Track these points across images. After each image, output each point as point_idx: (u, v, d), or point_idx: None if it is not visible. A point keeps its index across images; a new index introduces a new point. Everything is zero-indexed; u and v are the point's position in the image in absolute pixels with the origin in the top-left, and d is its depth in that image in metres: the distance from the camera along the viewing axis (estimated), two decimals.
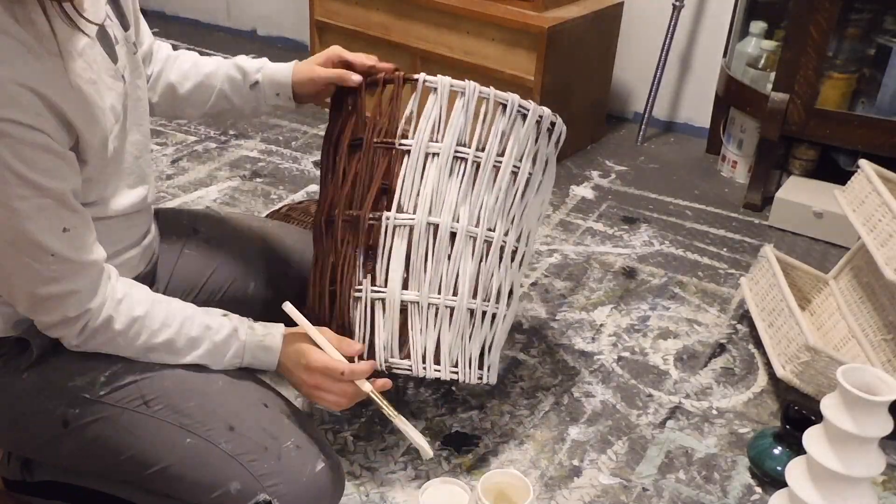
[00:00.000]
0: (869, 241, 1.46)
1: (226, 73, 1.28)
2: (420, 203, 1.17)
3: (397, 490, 1.27)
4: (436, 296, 1.18)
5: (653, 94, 2.54)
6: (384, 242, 1.18)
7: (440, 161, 1.17)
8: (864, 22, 2.11)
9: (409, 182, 1.17)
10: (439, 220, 1.17)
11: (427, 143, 1.17)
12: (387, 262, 1.18)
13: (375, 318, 1.18)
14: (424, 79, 1.17)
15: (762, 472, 1.32)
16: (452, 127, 1.17)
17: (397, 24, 2.44)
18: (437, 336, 1.19)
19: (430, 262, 1.18)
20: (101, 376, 1.06)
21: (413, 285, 1.18)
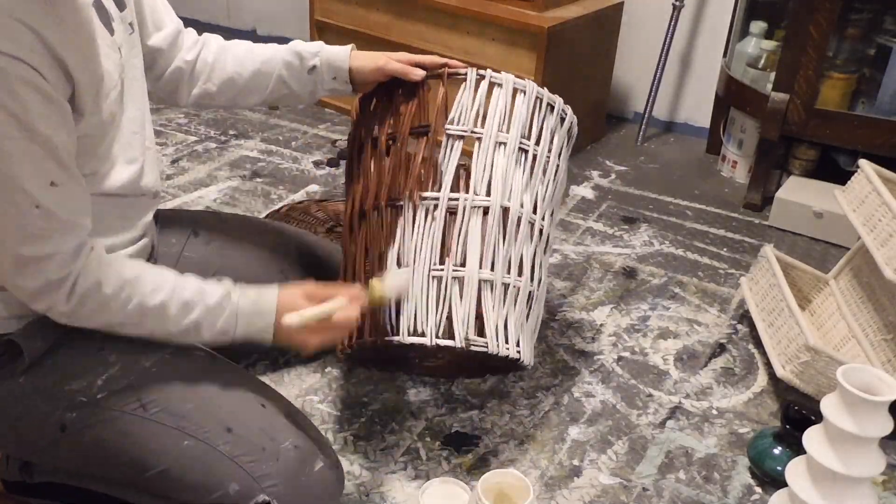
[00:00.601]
0: (869, 241, 1.46)
1: (283, 59, 1.29)
2: (494, 187, 1.24)
3: (397, 490, 1.27)
4: (507, 276, 1.24)
5: (653, 94, 2.54)
6: (462, 223, 1.22)
7: (508, 150, 1.26)
8: (864, 22, 2.11)
9: (481, 167, 1.24)
10: (509, 203, 1.24)
11: (496, 132, 1.26)
12: (464, 242, 1.22)
13: (452, 296, 1.20)
14: (491, 75, 1.28)
15: (762, 472, 1.32)
16: (517, 120, 1.27)
17: (397, 23, 2.44)
18: (505, 315, 1.23)
19: (502, 244, 1.23)
20: (98, 380, 1.05)
21: (486, 265, 1.22)
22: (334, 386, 1.48)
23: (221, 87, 1.29)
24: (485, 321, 1.21)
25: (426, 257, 1.21)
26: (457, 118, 1.26)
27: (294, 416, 1.13)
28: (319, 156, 2.40)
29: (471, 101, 1.27)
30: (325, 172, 2.30)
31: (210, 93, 1.29)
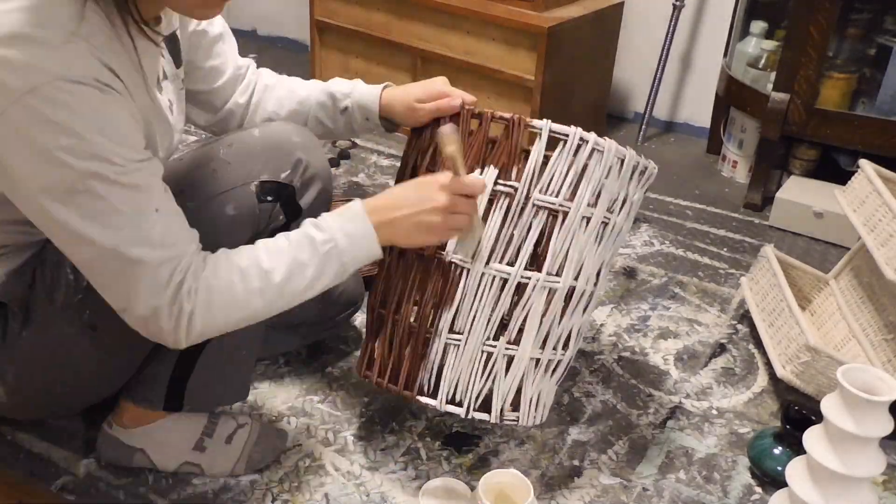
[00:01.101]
0: (869, 242, 1.46)
1: (317, 100, 1.31)
2: (567, 266, 1.17)
3: (397, 490, 1.27)
4: (554, 352, 1.22)
5: (653, 94, 2.54)
6: (527, 302, 1.16)
7: (590, 226, 1.17)
8: (865, 22, 2.11)
9: (560, 245, 1.15)
10: (577, 283, 1.19)
11: (586, 207, 1.15)
12: (523, 320, 1.17)
13: (498, 371, 1.19)
14: (595, 142, 1.13)
15: (762, 472, 1.32)
16: (606, 192, 1.17)
17: (397, 23, 2.44)
18: (540, 388, 1.23)
19: (559, 322, 1.20)
20: (70, 275, 1.08)
21: (538, 343, 1.19)
22: (334, 386, 1.48)
23: (260, 124, 1.30)
24: (521, 395, 1.21)
25: (481, 329, 1.16)
26: (547, 186, 1.13)
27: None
28: None
29: (565, 169, 1.13)
30: None
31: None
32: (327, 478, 1.28)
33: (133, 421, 1.23)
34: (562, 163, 1.13)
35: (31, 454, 1.29)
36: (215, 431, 1.26)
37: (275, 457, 1.29)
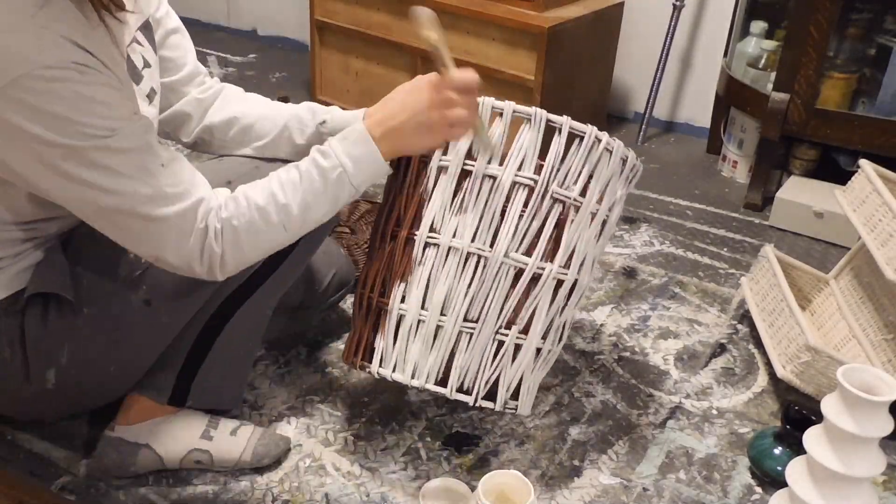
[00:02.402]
0: (869, 241, 1.46)
1: (293, 112, 1.28)
2: (575, 259, 1.20)
3: (398, 490, 1.27)
4: (550, 343, 1.24)
5: (653, 94, 2.54)
6: (539, 292, 1.19)
7: (595, 221, 1.22)
8: (865, 22, 2.11)
9: (571, 238, 1.19)
10: (579, 276, 1.22)
11: (595, 204, 1.20)
12: (532, 311, 1.20)
13: (506, 359, 1.21)
14: (605, 140, 1.18)
15: (762, 472, 1.32)
16: (611, 189, 1.22)
17: (398, 23, 2.44)
18: (536, 377, 1.26)
19: (560, 314, 1.23)
20: (130, 254, 1.11)
21: (542, 332, 1.22)
22: (334, 386, 1.48)
23: (223, 124, 1.28)
24: (521, 385, 1.23)
25: (494, 318, 1.18)
26: (563, 180, 1.17)
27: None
28: None
29: (581, 165, 1.18)
30: None
31: (211, 129, 1.28)
32: (327, 478, 1.28)
33: (139, 416, 1.23)
34: (577, 159, 1.17)
35: (31, 454, 1.29)
36: (219, 425, 1.27)
37: (279, 451, 1.30)
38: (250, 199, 1.04)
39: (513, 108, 1.18)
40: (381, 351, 1.21)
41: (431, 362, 1.19)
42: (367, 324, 1.24)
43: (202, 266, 1.03)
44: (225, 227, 1.02)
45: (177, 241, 1.00)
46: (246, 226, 1.03)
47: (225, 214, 1.02)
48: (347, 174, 1.08)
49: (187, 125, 1.29)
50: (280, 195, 1.05)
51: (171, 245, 1.00)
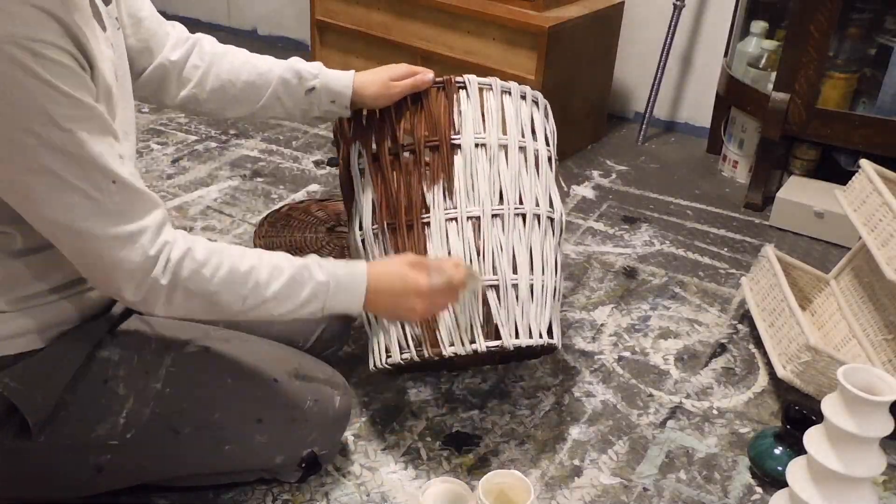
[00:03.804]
0: (870, 241, 1.45)
1: (280, 75, 1.25)
2: (525, 194, 1.31)
3: (398, 490, 1.27)
4: (542, 275, 1.31)
5: (653, 94, 2.54)
6: (505, 231, 1.28)
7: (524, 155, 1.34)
8: (865, 21, 2.11)
9: (509, 175, 1.30)
10: (533, 207, 1.32)
11: (519, 139, 1.33)
12: (497, 249, 1.28)
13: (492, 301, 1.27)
14: (501, 84, 1.34)
15: (763, 472, 1.32)
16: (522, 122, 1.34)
17: (398, 23, 2.44)
18: (536, 310, 1.30)
19: (538, 245, 1.32)
20: (120, 419, 1.06)
21: (524, 269, 1.29)
22: None
23: (211, 94, 1.25)
24: (527, 319, 1.28)
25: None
26: (481, 129, 1.30)
27: (301, 369, 1.19)
28: (320, 155, 2.40)
29: (493, 110, 1.32)
30: (325, 172, 2.30)
31: (199, 98, 1.25)
32: (327, 478, 1.28)
33: None
34: (490, 105, 1.32)
35: None
36: None
37: None
38: (234, 258, 1.00)
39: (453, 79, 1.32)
40: (419, 336, 1.25)
41: (477, 325, 1.24)
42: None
43: (137, 294, 0.95)
44: (185, 270, 0.96)
45: (117, 263, 0.93)
46: (211, 279, 0.98)
47: (191, 258, 0.96)
48: (328, 294, 1.05)
49: (166, 90, 1.24)
50: (263, 273, 1.01)
51: (108, 267, 0.93)
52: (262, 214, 2.00)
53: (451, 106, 1.30)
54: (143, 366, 1.08)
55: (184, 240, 0.98)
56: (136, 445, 1.06)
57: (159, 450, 1.09)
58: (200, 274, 0.97)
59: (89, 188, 0.89)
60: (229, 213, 2.05)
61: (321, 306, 1.06)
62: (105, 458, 1.06)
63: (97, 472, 1.07)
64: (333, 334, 1.39)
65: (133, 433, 1.06)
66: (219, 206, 2.09)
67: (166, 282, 0.95)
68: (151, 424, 1.07)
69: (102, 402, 1.05)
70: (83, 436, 1.05)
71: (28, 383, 1.00)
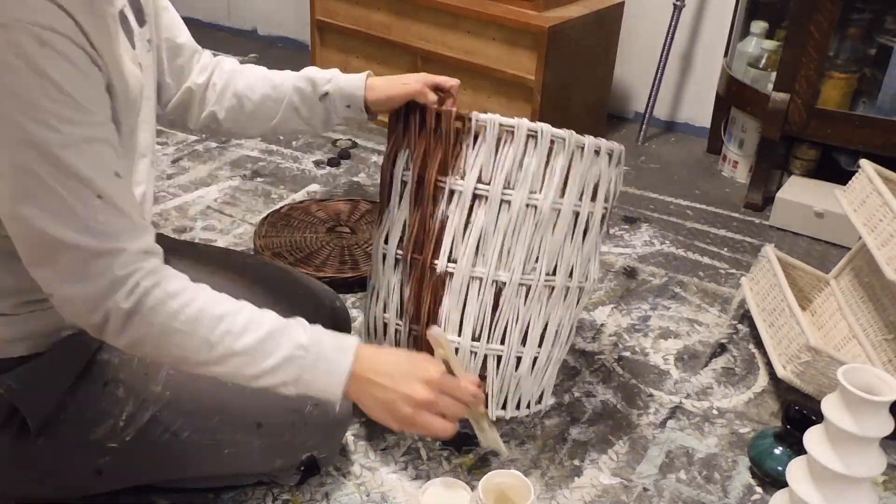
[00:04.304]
0: (870, 241, 1.45)
1: (294, 85, 1.24)
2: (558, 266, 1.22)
3: (398, 490, 1.27)
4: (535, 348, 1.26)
5: (653, 94, 2.54)
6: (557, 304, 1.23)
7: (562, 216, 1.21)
8: (865, 21, 2.11)
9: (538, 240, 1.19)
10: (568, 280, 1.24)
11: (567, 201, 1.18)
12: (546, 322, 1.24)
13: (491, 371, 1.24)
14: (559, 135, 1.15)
15: (763, 472, 1.32)
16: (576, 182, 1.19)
17: (398, 23, 2.44)
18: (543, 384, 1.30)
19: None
20: (119, 421, 1.05)
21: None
22: None
23: (229, 113, 1.24)
24: (520, 392, 1.28)
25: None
26: (537, 187, 1.16)
27: None
28: (320, 155, 2.40)
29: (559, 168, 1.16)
30: (325, 172, 2.30)
31: (217, 118, 1.25)
32: (327, 478, 1.28)
33: None
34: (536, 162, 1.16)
35: None
36: None
37: None
38: (209, 301, 0.91)
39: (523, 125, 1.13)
40: None
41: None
42: None
43: (95, 316, 0.87)
44: (152, 295, 0.88)
45: (81, 277, 0.86)
46: (179, 316, 0.89)
47: (162, 290, 0.88)
48: (306, 363, 0.94)
49: (190, 113, 1.25)
50: (239, 323, 0.92)
51: (71, 277, 0.86)
52: (262, 214, 2.00)
53: (504, 154, 1.14)
54: (143, 369, 1.08)
55: (159, 272, 0.90)
56: (135, 448, 1.06)
57: (158, 453, 1.08)
58: (166, 306, 0.88)
59: (69, 196, 0.83)
60: (229, 213, 2.05)
61: (297, 375, 0.94)
62: (104, 461, 1.06)
63: (96, 474, 1.07)
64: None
65: (132, 436, 1.06)
66: (219, 206, 2.09)
67: (128, 306, 0.87)
68: (150, 427, 1.06)
69: (102, 405, 1.05)
70: (82, 438, 1.05)
71: (30, 386, 1.00)
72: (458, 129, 1.14)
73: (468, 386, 1.05)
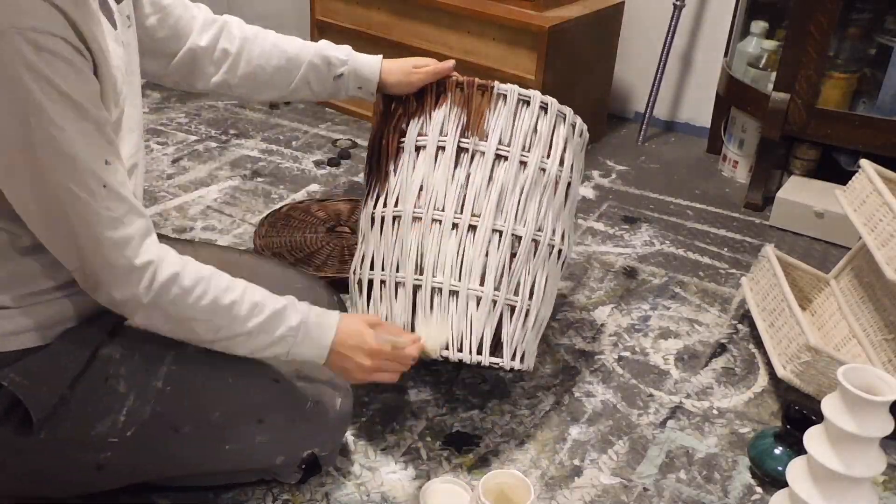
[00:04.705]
0: (870, 241, 1.45)
1: (310, 61, 1.30)
2: (529, 217, 1.30)
3: (398, 490, 1.27)
4: (528, 300, 1.31)
5: (654, 94, 2.54)
6: (501, 247, 1.28)
7: (529, 171, 1.31)
8: (865, 21, 2.11)
9: (513, 192, 1.29)
10: (534, 232, 1.31)
11: (520, 153, 1.30)
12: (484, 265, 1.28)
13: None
14: (520, 92, 1.31)
15: (763, 472, 1.32)
16: (540, 139, 1.33)
17: (398, 23, 2.44)
18: (514, 332, 1.32)
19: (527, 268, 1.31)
20: (120, 416, 1.05)
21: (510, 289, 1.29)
22: None
23: (242, 80, 1.29)
24: (526, 343, 1.32)
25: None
26: (505, 139, 1.29)
27: (303, 371, 1.19)
28: (320, 155, 2.40)
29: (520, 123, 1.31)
30: (325, 172, 2.30)
31: (230, 83, 1.29)
32: (327, 478, 1.28)
33: None
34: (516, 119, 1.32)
35: None
36: None
37: None
38: (220, 288, 1.02)
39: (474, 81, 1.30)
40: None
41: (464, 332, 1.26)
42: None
43: (117, 297, 0.97)
44: (171, 291, 0.98)
45: (104, 268, 0.95)
46: (193, 304, 1.00)
47: (187, 282, 0.99)
48: (295, 340, 1.08)
49: (198, 74, 1.27)
50: (244, 307, 1.04)
51: (101, 270, 0.95)
52: (262, 214, 2.00)
53: (484, 111, 1.29)
54: (144, 364, 1.08)
55: (174, 260, 0.99)
56: (136, 443, 1.06)
57: (159, 448, 1.09)
58: (184, 300, 1.00)
59: (79, 189, 0.90)
60: (229, 213, 2.05)
61: (287, 350, 1.09)
62: (105, 456, 1.06)
63: (97, 470, 1.07)
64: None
65: (133, 431, 1.06)
66: (219, 206, 2.09)
67: (147, 301, 0.97)
68: (152, 423, 1.06)
69: (103, 400, 1.05)
70: (83, 433, 1.05)
71: (33, 378, 1.01)
72: (479, 96, 1.29)
73: (407, 350, 1.17)
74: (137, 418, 1.06)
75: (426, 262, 1.25)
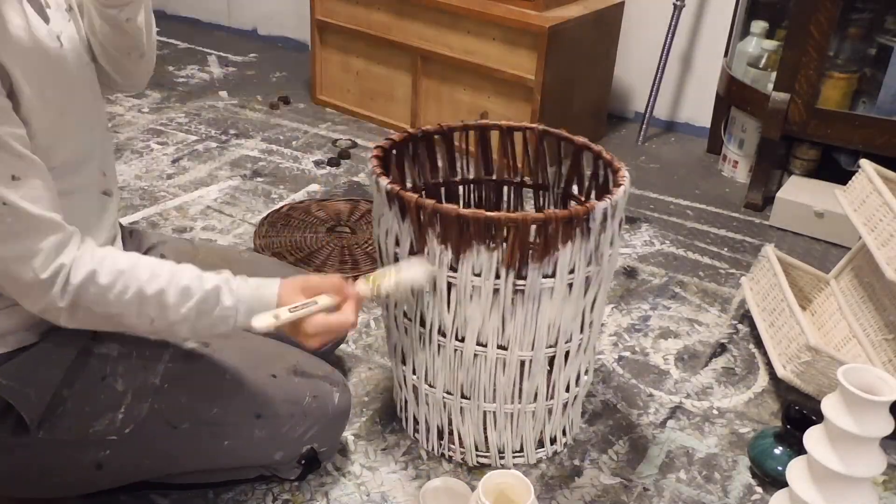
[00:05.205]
0: (870, 241, 1.45)
1: None
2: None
3: (398, 490, 1.27)
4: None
5: (654, 94, 2.54)
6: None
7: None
8: (865, 21, 2.11)
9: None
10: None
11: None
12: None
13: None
14: None
15: (763, 471, 1.32)
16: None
17: (398, 23, 2.44)
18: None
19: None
20: (118, 414, 1.06)
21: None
22: None
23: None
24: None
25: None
26: None
27: (300, 366, 1.19)
28: (320, 155, 2.40)
29: None
30: (325, 172, 2.30)
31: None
32: (327, 478, 1.28)
33: None
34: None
35: None
36: None
37: None
38: (140, 279, 0.96)
39: None
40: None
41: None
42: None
43: (34, 309, 0.94)
44: (88, 290, 0.93)
45: (11, 281, 0.91)
46: (116, 298, 0.95)
47: (105, 280, 0.94)
48: (234, 320, 1.01)
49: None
50: (171, 295, 0.97)
51: (9, 283, 0.92)
52: (262, 214, 2.00)
53: None
54: (142, 361, 1.08)
55: (90, 260, 0.94)
56: (134, 441, 1.07)
57: (158, 445, 1.09)
58: (105, 297, 0.95)
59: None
60: (229, 213, 2.05)
61: (230, 328, 1.02)
62: (104, 454, 1.07)
63: (96, 468, 1.07)
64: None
65: (131, 429, 1.06)
66: (219, 206, 2.09)
67: (66, 304, 0.93)
68: (150, 420, 1.07)
69: (101, 398, 1.06)
70: (82, 431, 1.05)
71: (21, 381, 1.01)
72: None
73: (343, 319, 1.06)
74: (136, 416, 1.06)
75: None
